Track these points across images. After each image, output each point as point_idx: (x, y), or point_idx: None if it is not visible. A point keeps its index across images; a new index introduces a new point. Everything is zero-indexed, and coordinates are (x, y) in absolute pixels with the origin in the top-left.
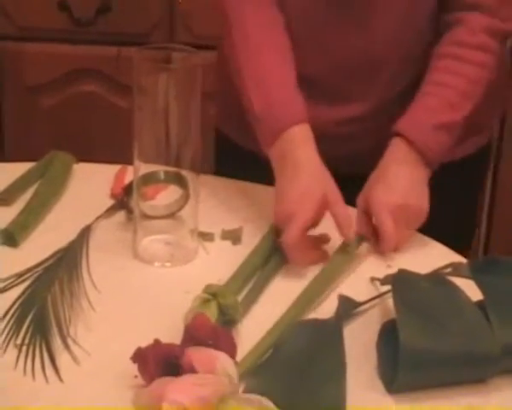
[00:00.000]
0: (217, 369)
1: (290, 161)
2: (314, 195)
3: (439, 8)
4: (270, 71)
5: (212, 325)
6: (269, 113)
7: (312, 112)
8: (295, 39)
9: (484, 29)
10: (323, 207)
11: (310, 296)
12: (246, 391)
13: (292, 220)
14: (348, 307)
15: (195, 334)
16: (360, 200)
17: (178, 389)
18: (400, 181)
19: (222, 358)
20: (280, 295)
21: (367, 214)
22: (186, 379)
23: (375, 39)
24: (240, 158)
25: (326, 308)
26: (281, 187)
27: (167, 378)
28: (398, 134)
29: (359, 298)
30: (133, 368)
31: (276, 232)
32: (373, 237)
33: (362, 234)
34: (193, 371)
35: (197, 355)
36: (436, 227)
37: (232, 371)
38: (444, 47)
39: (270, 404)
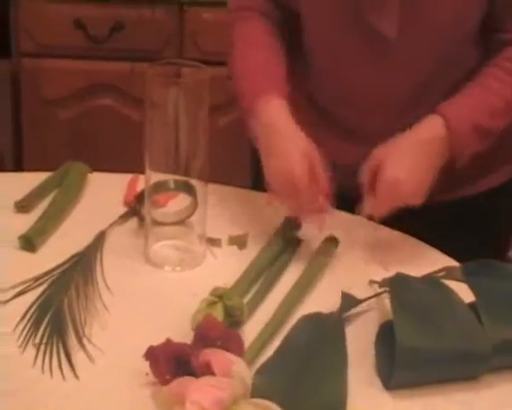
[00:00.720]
0: (232, 372)
1: (272, 128)
2: (297, 153)
3: (481, 32)
4: (256, 60)
5: (222, 326)
6: (250, 83)
7: (336, 148)
8: (319, 77)
9: None
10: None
11: (301, 290)
12: (253, 385)
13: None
14: (350, 304)
15: (206, 334)
16: (375, 155)
17: (199, 391)
18: (416, 160)
19: (237, 362)
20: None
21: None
22: (206, 381)
23: (394, 74)
24: None
25: (328, 305)
26: (267, 149)
27: (187, 379)
28: (440, 114)
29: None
30: (145, 366)
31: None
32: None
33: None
34: (208, 372)
35: (215, 358)
36: (469, 254)
37: (246, 374)
38: (497, 59)
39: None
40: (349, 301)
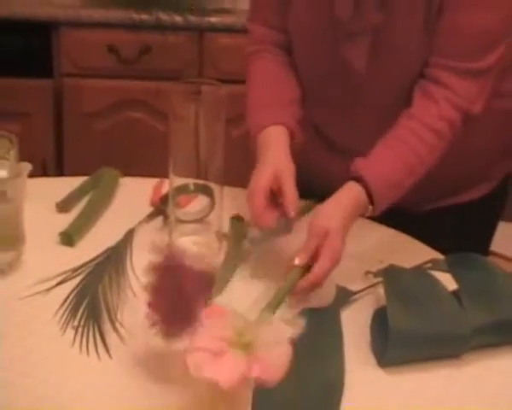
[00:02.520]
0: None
1: (262, 154)
2: (266, 170)
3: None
4: (269, 94)
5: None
6: (256, 112)
7: (329, 161)
8: (312, 102)
9: (448, 103)
10: (275, 181)
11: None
12: None
13: (251, 195)
14: (345, 296)
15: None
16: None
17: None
18: (345, 232)
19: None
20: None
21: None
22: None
23: (364, 104)
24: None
25: (325, 296)
26: (256, 163)
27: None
28: (359, 178)
29: (356, 289)
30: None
31: None
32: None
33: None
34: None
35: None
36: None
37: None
38: (416, 111)
39: None
40: (344, 293)
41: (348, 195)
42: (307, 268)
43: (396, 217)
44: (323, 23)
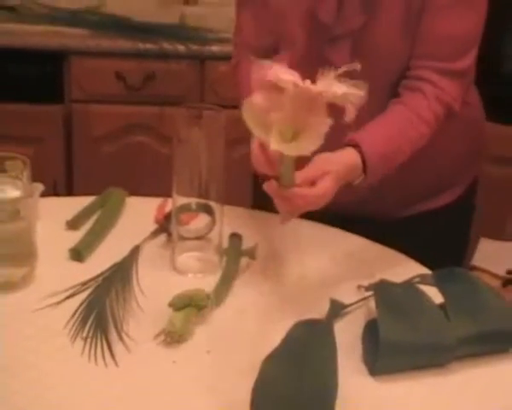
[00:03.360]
0: None
1: None
2: None
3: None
4: None
5: None
6: None
7: None
8: None
9: (435, 98)
10: None
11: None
12: (260, 376)
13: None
14: (338, 308)
15: None
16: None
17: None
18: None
19: None
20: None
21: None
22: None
23: None
24: None
25: (320, 309)
26: None
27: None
28: (355, 145)
29: (349, 302)
30: (173, 356)
31: None
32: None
33: None
34: None
35: None
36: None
37: None
38: (409, 101)
39: None
40: (337, 306)
41: (348, 155)
42: None
43: (374, 225)
44: (307, 29)
